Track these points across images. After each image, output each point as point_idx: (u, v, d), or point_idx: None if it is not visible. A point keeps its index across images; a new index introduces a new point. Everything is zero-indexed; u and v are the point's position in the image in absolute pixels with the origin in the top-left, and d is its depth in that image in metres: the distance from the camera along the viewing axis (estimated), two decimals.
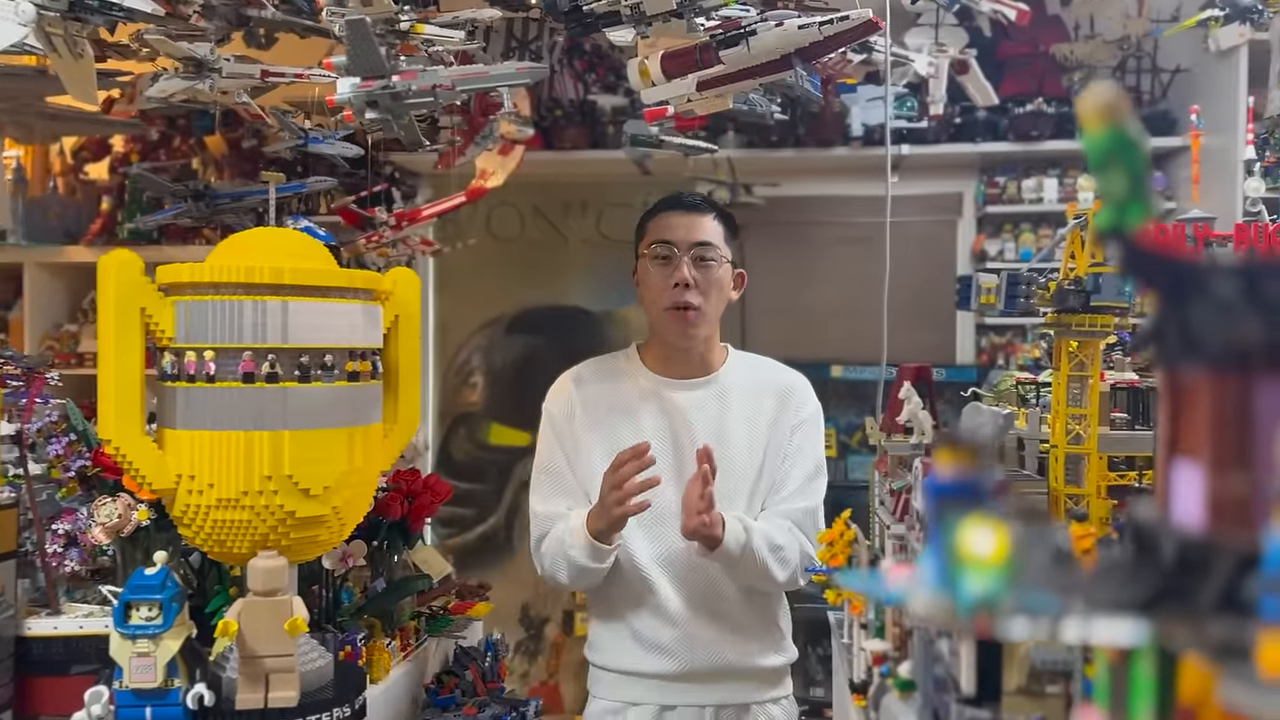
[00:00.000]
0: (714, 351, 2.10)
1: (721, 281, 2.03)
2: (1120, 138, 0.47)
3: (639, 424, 2.01)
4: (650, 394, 2.05)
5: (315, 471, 1.44)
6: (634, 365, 2.12)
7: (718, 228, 2.05)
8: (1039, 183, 4.15)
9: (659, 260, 2.02)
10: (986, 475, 0.48)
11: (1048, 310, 1.44)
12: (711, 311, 2.02)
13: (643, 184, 4.46)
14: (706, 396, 2.04)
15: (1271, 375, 0.43)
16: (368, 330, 1.55)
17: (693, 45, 1.92)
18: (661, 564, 2.00)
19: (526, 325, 4.56)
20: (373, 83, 1.31)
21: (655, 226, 2.05)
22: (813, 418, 2.09)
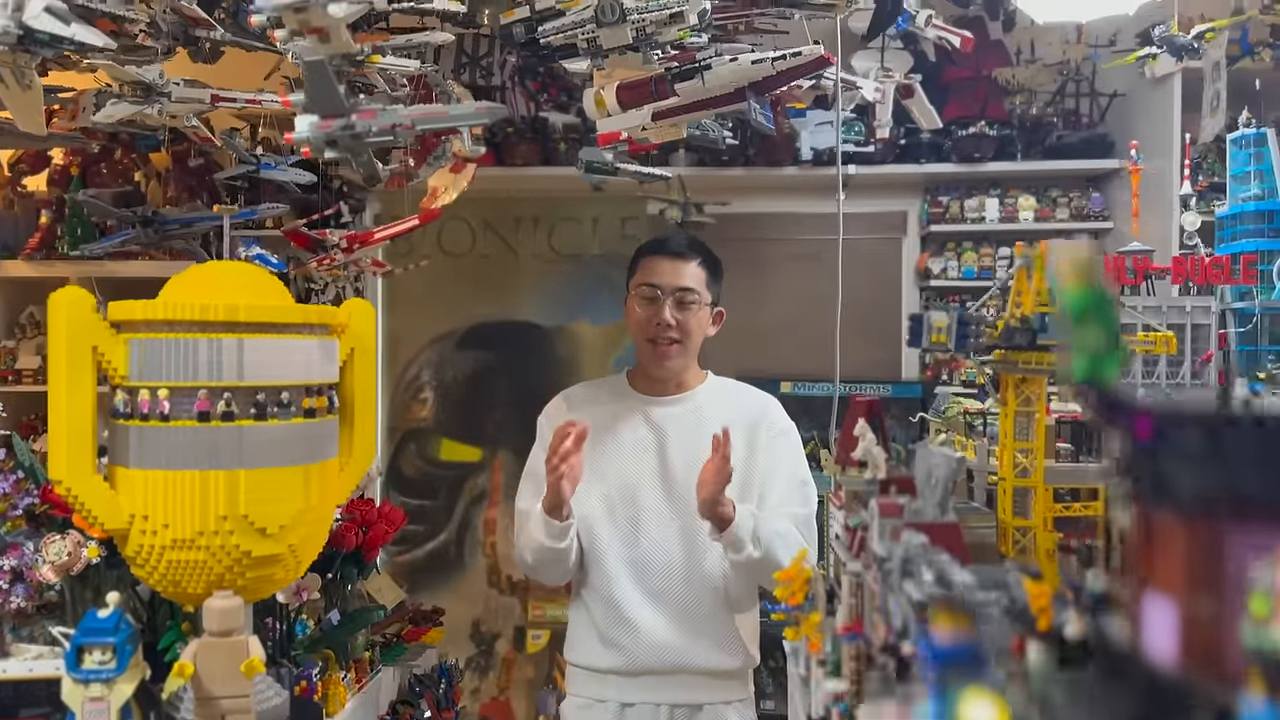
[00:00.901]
0: (690, 374, 2.28)
1: (700, 321, 2.24)
2: (1096, 296, 0.49)
3: (620, 437, 2.20)
4: (633, 410, 2.23)
5: (271, 510, 1.43)
6: (621, 386, 2.31)
7: (700, 272, 2.25)
8: (980, 202, 4.25)
9: (645, 301, 2.22)
10: (983, 641, 0.49)
11: (994, 347, 1.48)
12: (689, 347, 2.23)
13: (594, 200, 4.47)
14: (683, 412, 2.22)
15: (1240, 524, 0.46)
16: (324, 366, 1.54)
17: (648, 77, 1.94)
18: (631, 565, 2.14)
19: (477, 340, 4.54)
20: (332, 122, 1.31)
21: (644, 269, 2.25)
22: (785, 433, 2.24)
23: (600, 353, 4.48)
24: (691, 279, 2.23)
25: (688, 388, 2.27)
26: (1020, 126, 4.06)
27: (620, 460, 2.19)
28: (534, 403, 4.59)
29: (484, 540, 4.52)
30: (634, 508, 2.14)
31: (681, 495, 2.12)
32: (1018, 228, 4.26)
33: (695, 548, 2.14)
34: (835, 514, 1.61)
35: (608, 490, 2.17)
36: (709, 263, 2.29)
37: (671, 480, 2.16)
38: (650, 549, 2.13)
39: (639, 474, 2.16)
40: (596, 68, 1.91)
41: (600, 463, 2.15)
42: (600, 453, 2.16)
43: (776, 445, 2.20)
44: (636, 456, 2.17)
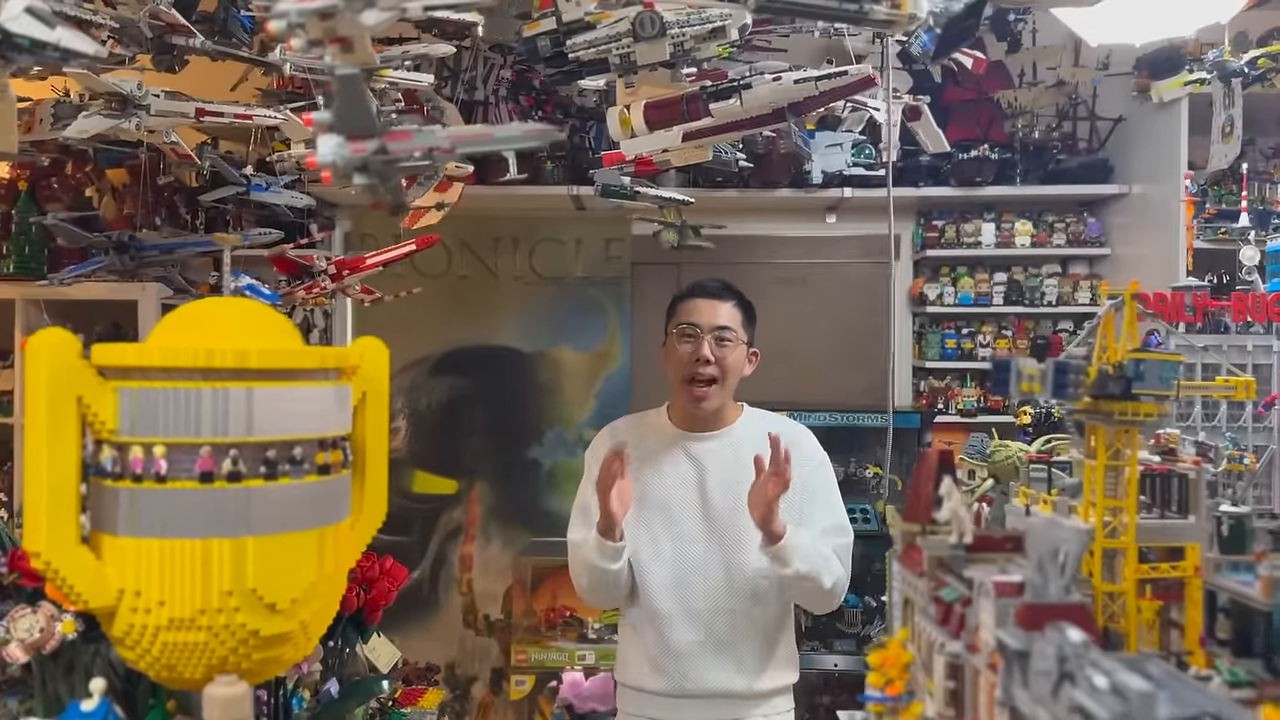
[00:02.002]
0: (728, 410, 2.37)
1: (738, 360, 2.33)
2: None
3: (662, 470, 2.31)
4: (673, 445, 2.34)
5: (282, 583, 1.28)
6: (661, 420, 2.41)
7: (736, 313, 2.34)
8: (977, 227, 4.20)
9: (685, 338, 2.31)
10: None
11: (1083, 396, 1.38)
12: (726, 385, 2.31)
13: (577, 220, 4.35)
14: (721, 446, 2.32)
15: None
16: (339, 415, 1.39)
17: (679, 96, 1.83)
18: (675, 594, 2.26)
19: (453, 366, 4.38)
20: (363, 144, 1.17)
21: (683, 310, 2.36)
22: (820, 464, 2.35)
23: (583, 379, 4.34)
24: (729, 318, 2.32)
25: (726, 423, 2.36)
26: (1022, 150, 4.02)
27: (663, 493, 2.29)
28: (512, 432, 4.50)
29: (459, 578, 4.34)
30: (678, 539, 2.26)
31: (722, 526, 2.25)
32: (1014, 253, 4.22)
33: (737, 577, 2.24)
34: (903, 576, 1.49)
35: (651, 524, 2.28)
36: (744, 305, 2.39)
37: (712, 512, 2.26)
38: (694, 579, 2.25)
39: (681, 506, 2.27)
40: (626, 84, 1.78)
41: (644, 496, 2.27)
42: (643, 486, 2.28)
43: (811, 475, 2.29)
44: (679, 490, 2.28)
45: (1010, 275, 4.26)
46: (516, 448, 4.34)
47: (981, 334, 4.25)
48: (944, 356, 4.22)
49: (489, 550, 4.33)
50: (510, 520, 4.33)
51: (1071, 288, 4.23)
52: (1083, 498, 1.47)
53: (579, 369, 4.34)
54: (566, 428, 4.34)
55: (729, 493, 2.23)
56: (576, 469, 4.44)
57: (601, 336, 4.34)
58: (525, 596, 3.93)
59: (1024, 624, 1.01)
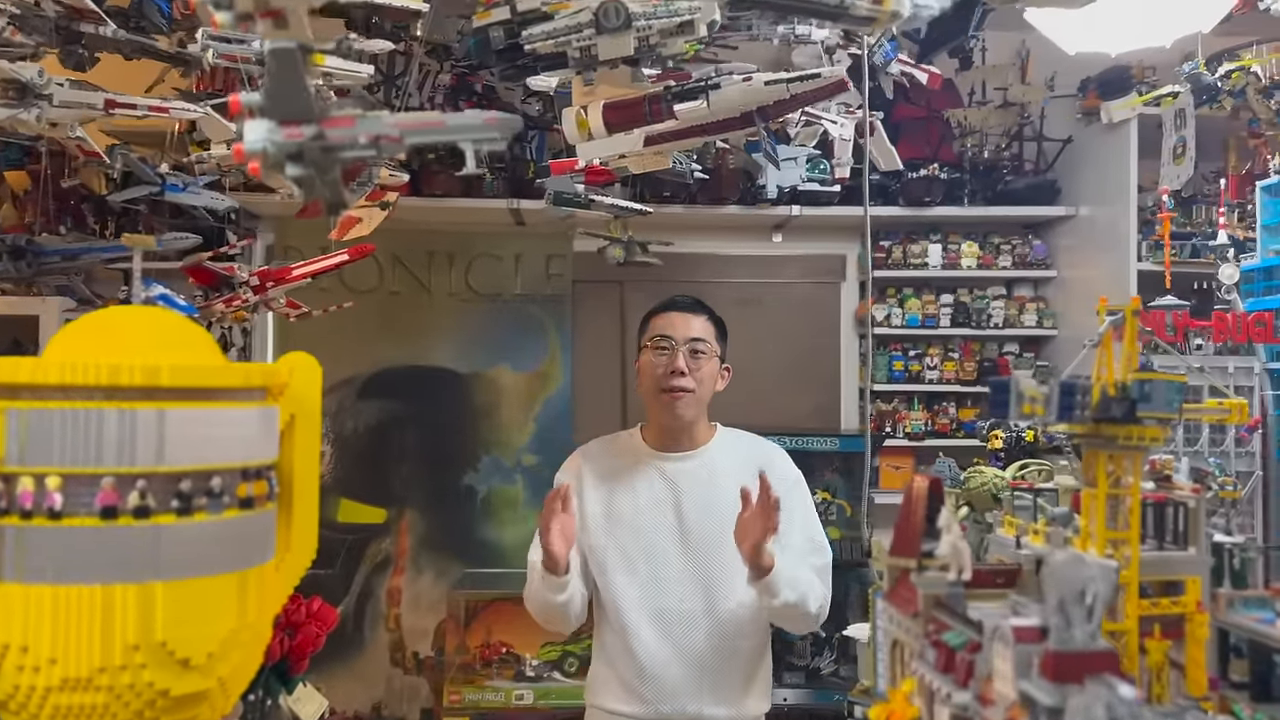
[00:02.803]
0: (701, 429, 2.38)
1: (710, 372, 2.34)
2: None
3: (636, 491, 2.31)
4: (647, 466, 2.34)
5: (197, 634, 1.13)
6: (635, 441, 2.40)
7: (709, 327, 2.36)
8: (924, 248, 4.18)
9: (659, 351, 2.32)
10: None
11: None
12: (700, 396, 2.32)
13: (516, 235, 4.22)
14: (696, 466, 2.32)
15: None
16: (264, 440, 1.24)
17: (641, 96, 1.72)
18: (651, 617, 2.25)
19: (383, 388, 4.19)
20: (298, 129, 1.03)
21: (656, 323, 2.36)
22: (796, 483, 2.34)
23: (522, 401, 4.19)
24: (702, 331, 2.33)
25: (700, 442, 2.36)
26: (972, 170, 4.01)
27: (638, 516, 2.29)
28: (446, 457, 4.33)
29: (387, 613, 4.14)
30: (653, 562, 2.26)
31: (698, 548, 2.25)
32: (960, 274, 4.21)
33: (713, 600, 2.24)
34: (890, 616, 1.39)
35: (626, 546, 2.27)
36: (716, 320, 2.41)
37: (688, 534, 2.27)
38: (670, 602, 2.25)
39: (656, 528, 2.27)
40: (585, 82, 1.67)
41: (618, 517, 2.28)
42: (618, 508, 2.29)
43: (790, 496, 2.25)
44: (653, 512, 2.28)
45: (956, 297, 4.25)
46: (450, 474, 4.17)
47: (929, 356, 4.22)
48: (892, 379, 4.18)
49: (419, 583, 4.14)
50: (442, 551, 4.14)
51: (1018, 310, 4.23)
52: (1079, 528, 1.40)
53: (517, 390, 4.20)
54: (504, 452, 4.18)
55: (705, 514, 2.24)
56: (514, 496, 4.32)
57: (541, 357, 4.20)
58: (458, 632, 3.75)
59: (1051, 675, 0.91)
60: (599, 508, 2.30)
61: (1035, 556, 1.45)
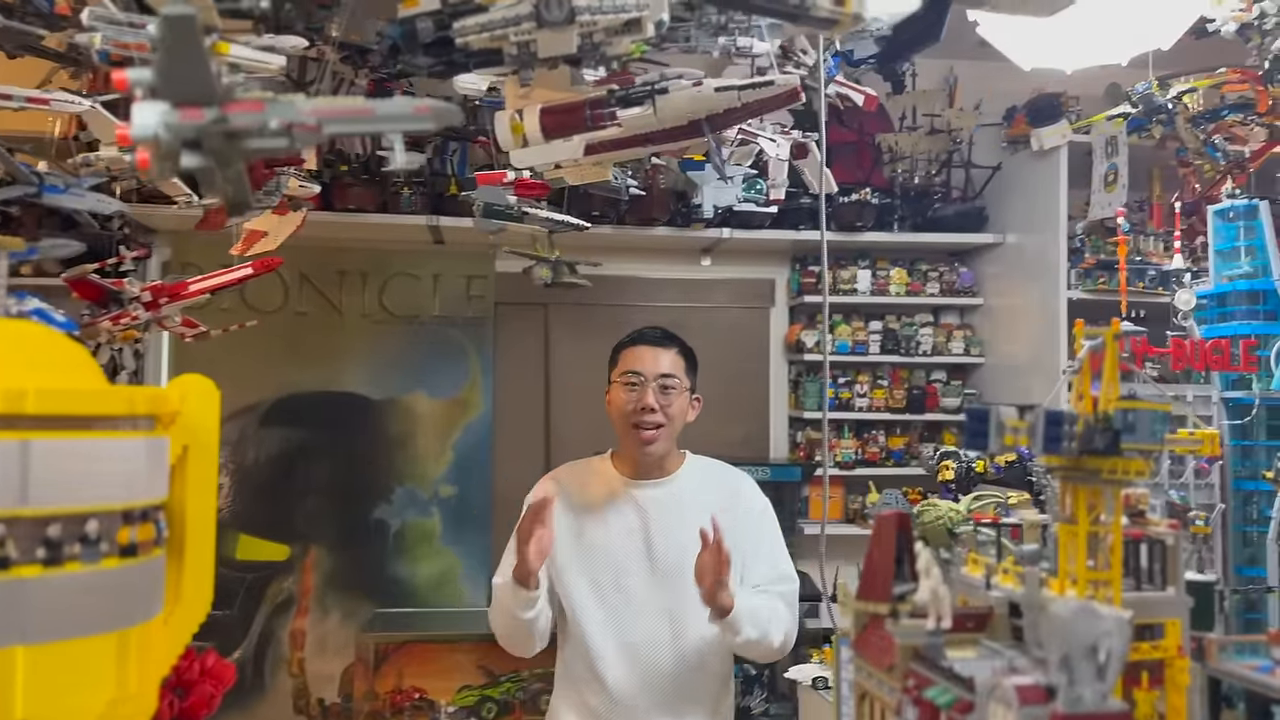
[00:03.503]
0: (672, 457, 2.42)
1: (680, 406, 2.38)
2: None
3: (606, 518, 2.34)
4: (618, 493, 2.38)
5: (69, 706, 0.97)
6: (606, 467, 2.44)
7: (680, 361, 2.40)
8: (854, 274, 4.16)
9: (629, 387, 2.35)
10: None
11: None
12: (670, 430, 2.36)
13: (435, 254, 4.07)
14: (666, 494, 2.36)
15: None
16: (151, 477, 1.09)
17: (581, 101, 1.61)
18: (618, 646, 2.28)
19: (288, 415, 3.97)
20: (198, 112, 0.89)
21: (626, 358, 2.40)
22: (762, 512, 2.39)
23: (439, 429, 4.01)
24: (672, 366, 2.37)
25: (670, 470, 2.40)
26: (903, 196, 4.01)
27: (607, 543, 2.31)
28: (356, 489, 4.11)
29: (290, 657, 3.89)
30: (621, 590, 2.28)
31: (666, 577, 2.27)
32: (889, 301, 4.19)
33: (680, 629, 2.27)
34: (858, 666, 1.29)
35: (595, 573, 2.30)
36: (686, 352, 2.44)
37: (657, 562, 2.29)
38: (637, 630, 2.28)
39: (626, 556, 2.30)
40: (522, 81, 1.56)
41: (588, 545, 2.31)
42: (587, 535, 2.32)
43: (757, 525, 2.35)
44: (623, 540, 2.31)
45: (885, 324, 4.23)
46: (360, 507, 3.96)
47: (858, 383, 4.19)
48: (822, 406, 4.13)
49: (325, 625, 3.91)
50: (351, 590, 3.93)
51: (945, 337, 4.24)
52: (1054, 568, 1.32)
53: (435, 418, 4.02)
54: (419, 484, 3.99)
55: (673, 542, 2.26)
56: (430, 530, 4.13)
57: (461, 382, 4.04)
58: (367, 677, 3.55)
59: None
60: (569, 533, 2.32)
61: (1007, 599, 1.37)
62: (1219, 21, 2.11)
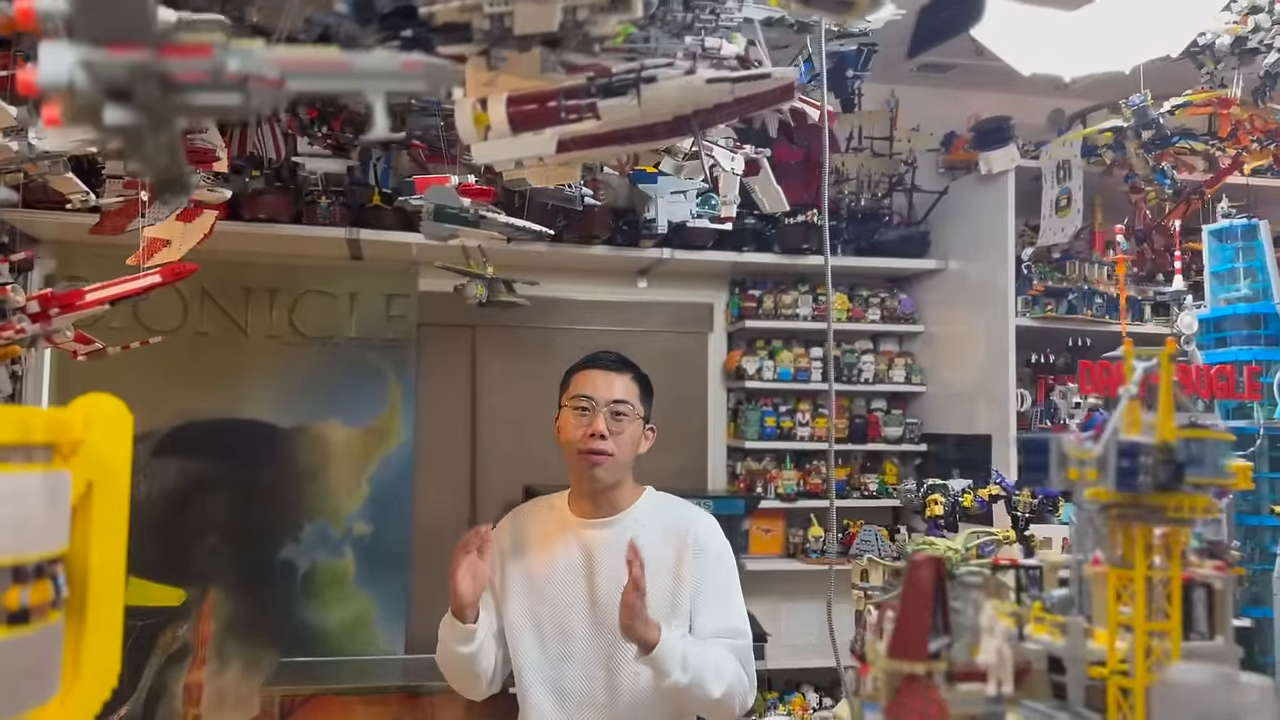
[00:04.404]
0: (624, 493, 2.33)
1: (633, 435, 2.29)
2: None
3: (554, 559, 2.28)
4: (567, 532, 2.31)
5: None
6: (561, 505, 2.37)
7: (634, 387, 2.33)
8: (795, 298, 4.06)
9: (579, 411, 2.28)
10: None
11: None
12: (621, 459, 2.27)
13: (353, 271, 3.84)
14: (613, 535, 2.26)
15: None
16: (48, 522, 0.88)
17: (556, 89, 1.46)
18: (552, 691, 2.22)
19: (185, 444, 3.67)
20: (130, 49, 0.70)
21: (578, 382, 2.33)
22: (717, 556, 2.27)
23: (354, 461, 3.76)
24: (625, 392, 2.30)
25: (621, 508, 2.31)
26: (849, 219, 3.94)
27: (552, 584, 2.25)
28: (260, 526, 3.81)
29: (184, 713, 3.57)
30: (562, 634, 2.22)
31: (604, 621, 2.18)
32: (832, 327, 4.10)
33: (615, 681, 2.19)
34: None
35: (539, 614, 2.25)
36: (640, 379, 2.37)
37: (598, 606, 2.20)
38: (571, 676, 2.21)
39: (568, 599, 2.23)
40: (489, 65, 1.40)
41: (534, 585, 2.26)
42: (535, 574, 2.27)
43: (705, 567, 2.24)
44: (566, 581, 2.24)
45: (824, 350, 4.15)
46: (265, 546, 3.67)
47: (799, 412, 4.09)
48: (763, 436, 4.02)
49: (224, 677, 3.60)
50: (254, 638, 3.63)
51: (887, 365, 4.17)
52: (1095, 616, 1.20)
53: (349, 448, 3.76)
54: (331, 520, 3.73)
55: (616, 586, 2.10)
56: (342, 571, 3.86)
57: (379, 409, 3.80)
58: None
59: None
60: (519, 573, 2.28)
61: (1046, 652, 1.25)
62: (1210, 35, 2.08)
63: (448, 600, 2.15)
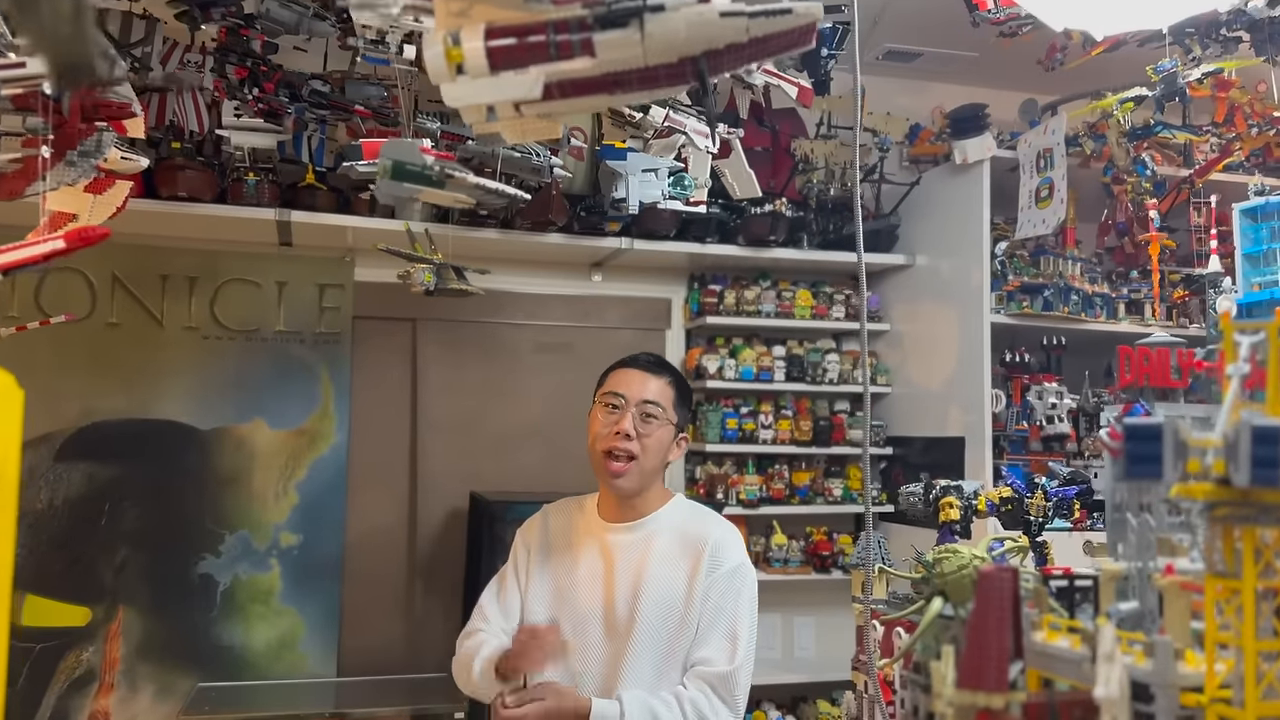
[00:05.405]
0: (649, 498, 2.29)
1: (661, 440, 2.25)
2: None
3: (576, 563, 2.27)
4: (590, 535, 2.30)
5: None
6: (591, 506, 2.35)
7: (669, 391, 2.28)
8: (758, 294, 3.92)
9: (609, 409, 2.25)
10: None
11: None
12: (646, 464, 2.22)
13: (281, 259, 3.60)
14: (634, 540, 2.25)
15: None
16: None
17: (542, 20, 1.28)
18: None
19: (92, 447, 3.39)
20: None
21: (612, 379, 2.31)
22: (730, 574, 2.20)
23: (282, 466, 3.51)
24: (658, 394, 2.26)
25: (645, 513, 2.28)
26: (818, 209, 3.80)
27: (575, 590, 2.24)
28: (176, 538, 3.53)
29: None
30: (581, 644, 2.20)
31: (615, 629, 2.18)
32: (792, 324, 3.97)
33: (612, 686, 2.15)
34: None
35: (559, 615, 2.22)
36: (679, 384, 2.33)
37: (613, 614, 2.19)
38: (584, 686, 2.17)
39: (588, 605, 2.22)
40: None
41: (559, 591, 2.25)
42: (559, 580, 2.27)
43: (714, 584, 2.20)
44: (588, 587, 2.23)
45: (789, 349, 4.01)
46: (181, 560, 3.40)
47: (762, 414, 3.94)
48: (724, 438, 3.86)
49: (135, 704, 3.32)
50: (168, 660, 3.35)
51: (851, 364, 4.05)
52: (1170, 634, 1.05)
53: (277, 452, 3.51)
54: (255, 531, 3.47)
55: (631, 594, 2.17)
56: (267, 586, 3.59)
57: (310, 409, 3.55)
58: None
59: None
60: (545, 576, 2.27)
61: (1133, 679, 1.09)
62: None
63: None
